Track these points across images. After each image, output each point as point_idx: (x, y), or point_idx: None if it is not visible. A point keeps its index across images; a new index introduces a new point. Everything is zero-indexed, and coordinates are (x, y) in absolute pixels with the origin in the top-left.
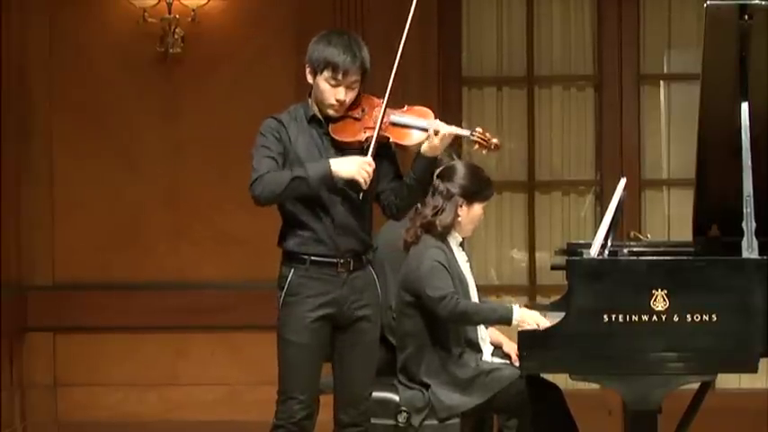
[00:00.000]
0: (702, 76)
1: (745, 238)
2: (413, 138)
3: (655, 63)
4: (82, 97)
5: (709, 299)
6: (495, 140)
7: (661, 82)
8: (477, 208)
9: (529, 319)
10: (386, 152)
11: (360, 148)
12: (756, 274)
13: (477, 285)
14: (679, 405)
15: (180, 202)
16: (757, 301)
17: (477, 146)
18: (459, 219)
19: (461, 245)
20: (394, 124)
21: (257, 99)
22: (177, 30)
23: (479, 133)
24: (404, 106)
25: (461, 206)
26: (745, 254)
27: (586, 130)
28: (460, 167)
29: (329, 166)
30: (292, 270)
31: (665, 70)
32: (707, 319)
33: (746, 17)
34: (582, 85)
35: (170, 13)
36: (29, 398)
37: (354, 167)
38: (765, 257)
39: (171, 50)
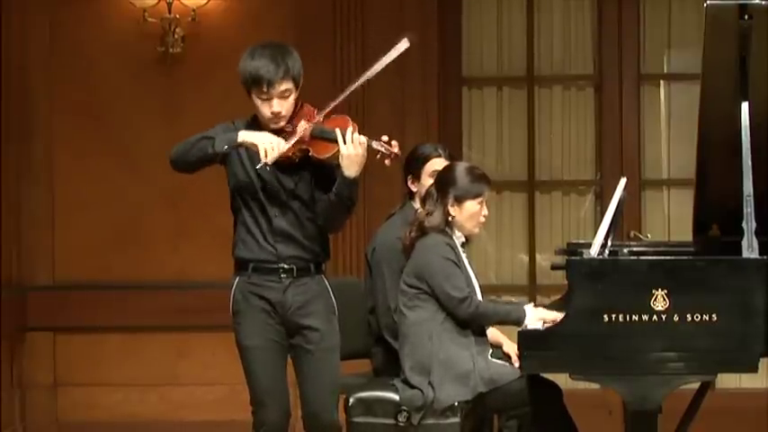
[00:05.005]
0: (702, 76)
1: (745, 238)
2: (327, 150)
3: (655, 63)
4: (82, 97)
5: (709, 299)
6: (395, 150)
7: (661, 82)
8: (470, 205)
9: (546, 316)
10: (317, 163)
11: (290, 162)
12: (756, 274)
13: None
14: (679, 405)
15: (180, 202)
16: (757, 301)
17: (378, 155)
18: (453, 218)
19: (463, 246)
20: (314, 137)
21: None
22: (177, 30)
23: (384, 142)
24: (330, 115)
25: (452, 206)
26: (746, 254)
27: (586, 130)
28: (453, 168)
29: (237, 133)
30: (237, 278)
31: (665, 70)
32: (707, 319)
33: (746, 17)
34: (582, 85)
35: (170, 13)
36: (29, 398)
37: (260, 136)
38: (765, 257)
39: (171, 50)
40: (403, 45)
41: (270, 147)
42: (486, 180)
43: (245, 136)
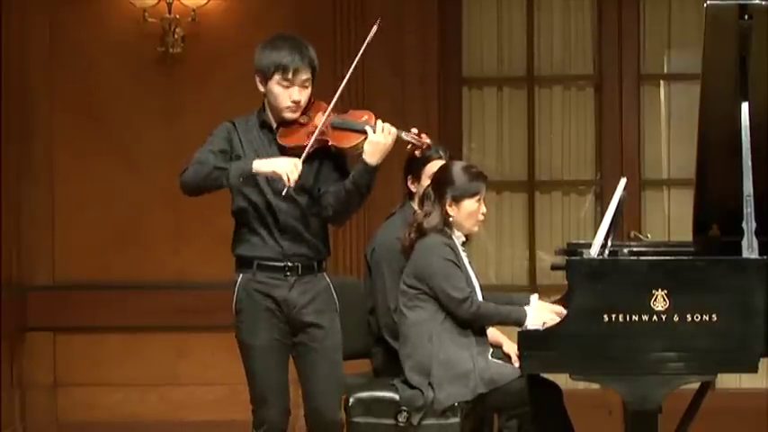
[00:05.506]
0: (702, 76)
1: (745, 238)
2: (351, 140)
3: (655, 63)
4: (82, 97)
5: (709, 299)
6: (426, 141)
7: (661, 82)
8: (468, 204)
9: (548, 319)
10: (330, 155)
11: (302, 152)
12: (756, 275)
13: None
14: (679, 405)
15: (180, 202)
16: (757, 301)
17: (409, 146)
18: (452, 217)
19: (464, 244)
20: (334, 128)
21: (257, 99)
22: (177, 30)
23: (414, 134)
24: (347, 110)
25: (450, 205)
26: (746, 254)
27: (586, 130)
28: (450, 167)
29: (251, 163)
30: (241, 276)
31: (665, 70)
32: (707, 319)
33: (746, 17)
34: (582, 85)
35: (170, 13)
36: (29, 398)
37: (275, 163)
38: (765, 257)
39: (171, 50)
40: (374, 28)
41: (290, 170)
42: (483, 178)
43: (259, 165)
